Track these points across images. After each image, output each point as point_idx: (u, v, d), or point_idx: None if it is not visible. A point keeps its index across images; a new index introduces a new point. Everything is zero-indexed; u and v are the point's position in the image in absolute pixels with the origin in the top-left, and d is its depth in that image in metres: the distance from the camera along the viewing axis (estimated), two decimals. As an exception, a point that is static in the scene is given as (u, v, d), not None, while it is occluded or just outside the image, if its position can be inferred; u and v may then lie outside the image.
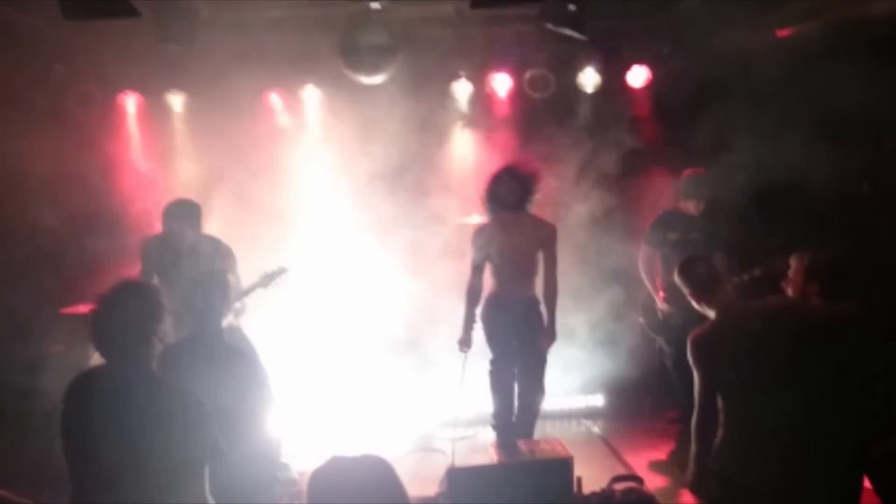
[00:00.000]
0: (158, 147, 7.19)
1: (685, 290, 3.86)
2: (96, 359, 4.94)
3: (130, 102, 7.15)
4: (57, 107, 6.63)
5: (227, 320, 4.27)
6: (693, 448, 3.69)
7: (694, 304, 3.84)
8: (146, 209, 6.59)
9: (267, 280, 5.29)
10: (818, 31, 6.03)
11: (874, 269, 5.25)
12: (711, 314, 3.74)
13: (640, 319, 6.46)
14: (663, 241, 6.09)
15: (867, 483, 3.83)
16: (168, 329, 3.23)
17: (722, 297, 3.75)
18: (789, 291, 4.00)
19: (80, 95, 6.80)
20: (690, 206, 6.02)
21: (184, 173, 7.08)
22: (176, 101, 7.16)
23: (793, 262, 4.00)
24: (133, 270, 5.87)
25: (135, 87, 7.09)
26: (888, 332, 3.71)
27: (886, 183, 5.77)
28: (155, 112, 7.19)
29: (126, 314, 3.07)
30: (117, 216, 6.78)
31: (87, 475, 3.07)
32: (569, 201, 7.01)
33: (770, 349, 3.47)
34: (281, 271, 5.34)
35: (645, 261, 6.23)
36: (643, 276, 6.26)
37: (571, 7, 5.58)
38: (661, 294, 6.14)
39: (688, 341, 3.68)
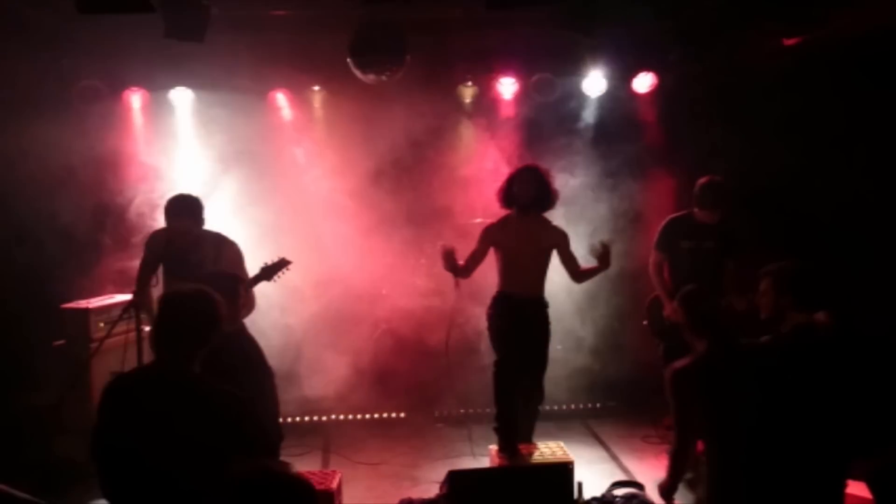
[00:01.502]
0: (163, 143, 7.18)
1: (682, 319, 3.85)
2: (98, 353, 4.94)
3: (136, 98, 7.13)
4: (63, 101, 6.62)
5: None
6: (667, 473, 3.81)
7: (686, 332, 3.83)
8: (150, 205, 6.58)
9: (269, 272, 5.28)
10: (826, 41, 6.03)
11: (865, 276, 5.28)
12: (700, 347, 3.73)
13: (645, 322, 6.43)
14: (675, 248, 6.04)
15: (867, 493, 3.83)
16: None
17: (714, 334, 3.72)
18: (762, 311, 3.97)
19: (86, 90, 6.79)
20: (706, 214, 5.96)
21: (188, 170, 7.08)
22: (181, 97, 7.15)
23: (760, 282, 3.97)
24: (134, 264, 5.88)
25: (140, 83, 7.08)
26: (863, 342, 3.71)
27: (891, 192, 5.77)
28: (160, 108, 7.18)
29: (194, 317, 3.17)
30: (120, 211, 6.77)
31: (133, 481, 3.05)
32: (572, 205, 7.02)
33: (746, 390, 3.50)
34: (283, 263, 5.33)
35: (655, 267, 6.17)
36: (654, 281, 6.21)
37: (581, 11, 5.58)
38: (672, 303, 6.05)
39: (669, 372, 3.69)
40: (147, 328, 5.72)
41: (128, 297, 5.87)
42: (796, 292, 3.79)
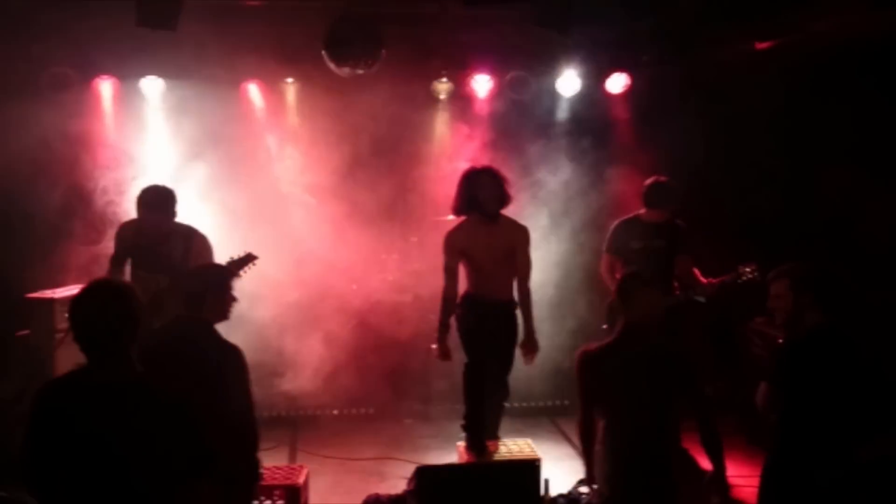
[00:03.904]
0: (133, 132, 7.10)
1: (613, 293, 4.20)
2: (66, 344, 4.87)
3: (106, 86, 7.04)
4: (32, 87, 6.52)
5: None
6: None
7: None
8: (118, 194, 6.51)
9: (234, 267, 5.24)
10: (797, 45, 6.10)
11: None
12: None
13: (605, 326, 6.45)
14: (626, 250, 6.08)
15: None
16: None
17: (631, 323, 4.01)
18: (776, 314, 3.99)
19: (55, 77, 6.69)
20: (653, 214, 6.01)
21: (158, 159, 7.01)
22: (152, 86, 7.07)
23: (772, 285, 3.99)
24: (101, 253, 5.81)
25: (111, 70, 6.99)
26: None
27: (861, 199, 5.85)
28: (131, 96, 7.09)
29: (106, 315, 2.90)
30: (88, 200, 6.68)
31: (65, 492, 2.87)
32: (542, 204, 7.04)
33: (631, 378, 3.90)
34: (249, 258, 5.28)
35: (607, 270, 6.20)
36: (607, 284, 6.24)
37: (557, 10, 5.60)
38: None
39: (577, 354, 4.09)
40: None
41: (94, 287, 5.79)
42: (817, 292, 3.81)
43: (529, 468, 4.61)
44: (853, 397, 3.63)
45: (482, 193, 5.58)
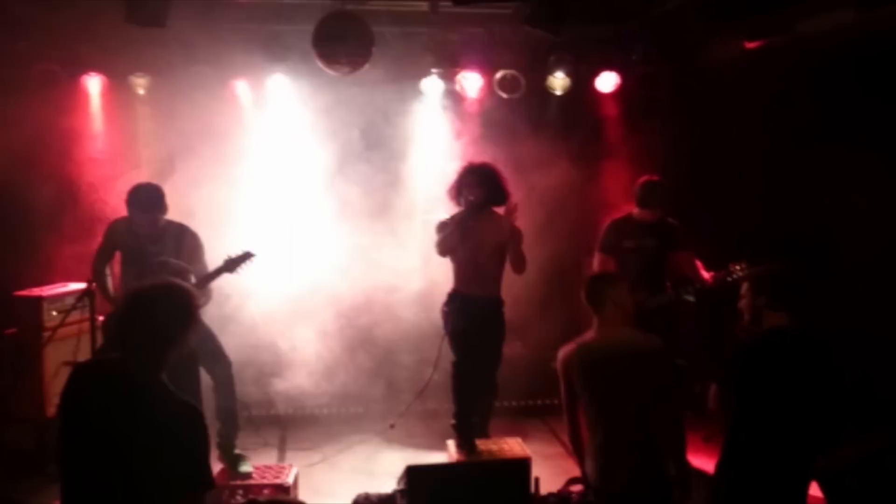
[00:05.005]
0: (121, 129, 7.06)
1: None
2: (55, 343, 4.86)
3: (94, 83, 7.00)
4: (20, 84, 6.48)
5: None
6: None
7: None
8: (106, 191, 6.48)
9: (232, 265, 5.24)
10: (788, 45, 6.12)
11: (824, 279, 5.37)
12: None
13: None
14: (618, 249, 6.09)
15: (818, 492, 3.89)
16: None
17: (606, 321, 4.06)
18: (743, 314, 4.03)
19: (43, 74, 6.65)
20: (645, 213, 6.02)
21: (147, 156, 6.97)
22: (140, 83, 7.03)
23: (742, 285, 4.04)
24: (89, 252, 5.78)
25: (99, 67, 6.95)
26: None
27: (848, 196, 5.87)
28: (119, 93, 7.05)
29: (159, 315, 2.94)
30: (76, 197, 6.65)
31: (79, 479, 2.90)
32: (532, 203, 7.03)
33: (612, 376, 3.93)
34: (246, 256, 5.29)
35: (599, 268, 6.22)
36: None
37: (547, 9, 5.60)
38: None
39: (558, 356, 4.09)
40: (101, 318, 5.64)
41: (82, 285, 5.78)
42: (771, 294, 3.82)
43: (519, 467, 4.61)
44: (807, 402, 3.56)
45: (467, 191, 5.68)
